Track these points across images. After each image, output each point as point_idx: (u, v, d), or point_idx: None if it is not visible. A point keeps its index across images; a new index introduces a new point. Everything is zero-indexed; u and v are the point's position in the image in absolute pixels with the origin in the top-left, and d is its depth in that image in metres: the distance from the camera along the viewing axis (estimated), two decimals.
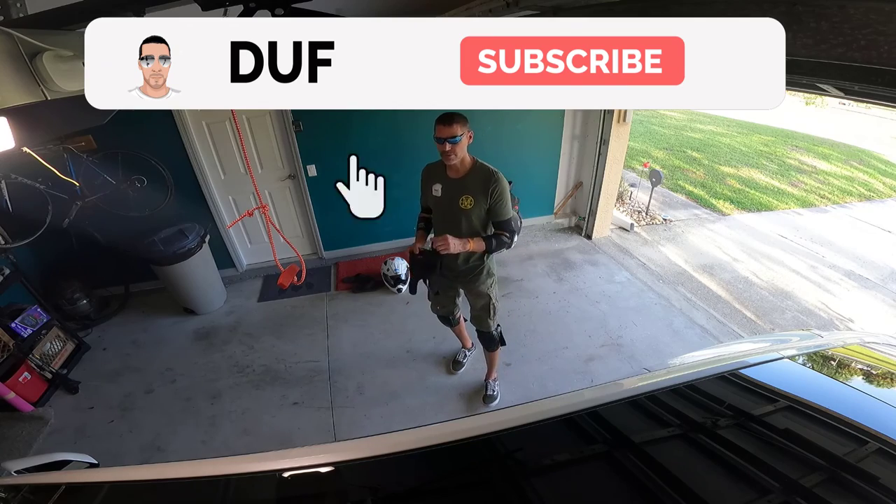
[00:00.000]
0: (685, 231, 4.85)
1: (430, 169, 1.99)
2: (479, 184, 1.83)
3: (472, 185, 1.84)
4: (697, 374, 0.98)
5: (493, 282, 2.14)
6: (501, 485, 0.73)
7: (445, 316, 2.43)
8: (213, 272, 3.61)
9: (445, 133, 1.70)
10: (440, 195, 1.91)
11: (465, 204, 1.85)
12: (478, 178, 1.83)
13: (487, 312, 2.19)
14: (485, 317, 2.21)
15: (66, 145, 2.97)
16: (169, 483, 0.81)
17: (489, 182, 1.82)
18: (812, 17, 0.46)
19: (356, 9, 2.48)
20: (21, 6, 0.90)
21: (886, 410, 0.93)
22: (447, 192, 1.90)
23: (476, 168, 1.86)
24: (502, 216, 1.88)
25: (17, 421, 2.51)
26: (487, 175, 1.83)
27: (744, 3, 0.54)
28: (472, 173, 1.85)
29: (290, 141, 3.58)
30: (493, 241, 1.90)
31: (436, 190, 1.92)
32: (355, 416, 2.52)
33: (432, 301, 2.33)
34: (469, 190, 1.84)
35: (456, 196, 1.87)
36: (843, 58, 0.45)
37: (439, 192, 1.92)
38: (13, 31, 0.73)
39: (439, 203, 1.94)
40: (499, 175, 1.84)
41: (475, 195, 1.84)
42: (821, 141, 9.95)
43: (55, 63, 0.78)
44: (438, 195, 1.92)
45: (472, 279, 2.09)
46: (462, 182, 1.86)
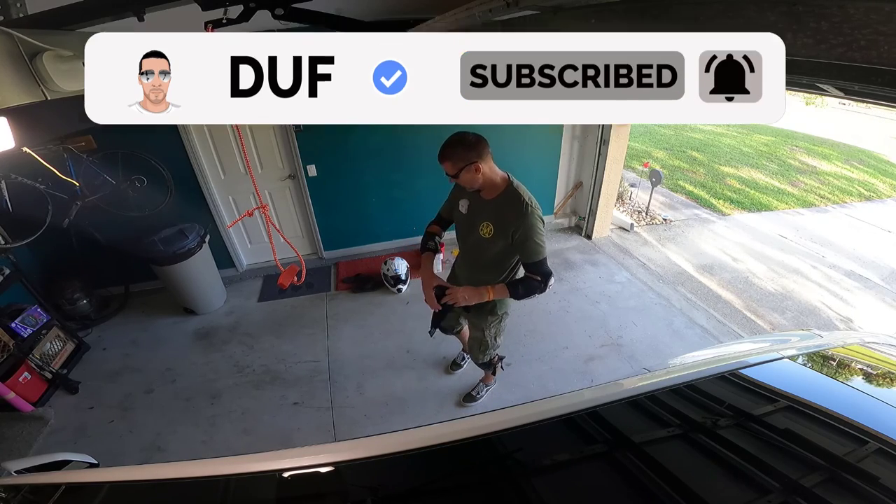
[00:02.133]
0: (685, 231, 4.85)
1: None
2: (503, 213, 1.54)
3: (495, 211, 1.56)
4: (697, 374, 0.98)
5: (495, 321, 1.87)
6: (501, 485, 0.73)
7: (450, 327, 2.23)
8: (213, 272, 3.61)
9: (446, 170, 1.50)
10: (465, 213, 1.65)
11: (485, 231, 1.58)
12: (503, 205, 1.54)
13: (478, 347, 2.01)
14: (476, 349, 2.03)
15: (66, 145, 2.97)
16: (169, 483, 0.81)
17: (510, 212, 1.52)
18: (812, 17, 0.46)
19: (356, 9, 2.48)
20: (21, 6, 0.90)
21: (886, 410, 0.93)
22: (472, 211, 1.63)
23: (507, 193, 1.55)
24: (530, 258, 1.55)
25: (17, 421, 2.51)
26: (515, 205, 1.52)
27: (744, 2, 0.54)
28: (500, 197, 1.56)
29: (290, 141, 3.58)
30: (521, 287, 1.59)
31: (462, 206, 1.66)
32: (355, 416, 2.52)
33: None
34: (491, 216, 1.57)
35: (477, 220, 1.60)
36: (843, 58, 0.45)
37: (465, 209, 1.65)
38: (13, 31, 0.73)
39: (463, 222, 1.69)
40: (525, 207, 1.51)
41: (496, 225, 1.56)
42: (821, 141, 9.95)
43: (55, 63, 0.78)
44: (464, 212, 1.66)
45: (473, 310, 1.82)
46: (488, 205, 1.58)
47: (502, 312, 1.87)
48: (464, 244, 1.75)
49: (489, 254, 1.64)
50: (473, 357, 2.13)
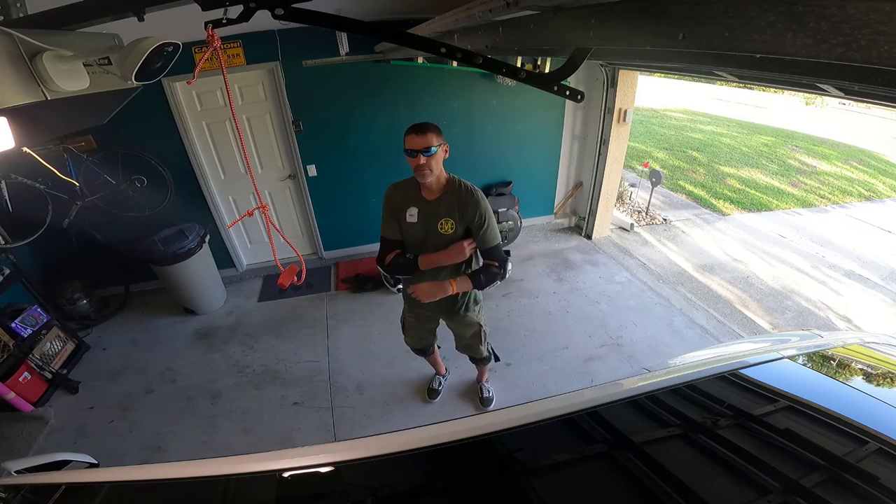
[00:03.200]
0: (685, 231, 4.85)
1: (398, 190, 1.66)
2: (456, 205, 1.59)
3: (451, 206, 1.59)
4: (697, 374, 0.98)
5: (479, 308, 1.95)
6: (502, 485, 0.73)
7: (423, 348, 2.25)
8: (213, 272, 3.61)
9: (418, 144, 1.46)
10: (416, 220, 1.62)
11: (446, 228, 1.60)
12: (454, 197, 1.59)
13: (479, 339, 2.04)
14: (476, 344, 2.06)
15: (66, 145, 2.97)
16: (169, 483, 0.81)
17: (467, 203, 1.57)
18: (812, 17, 0.46)
19: (357, 9, 2.49)
20: (21, 6, 0.90)
21: (886, 410, 0.93)
22: (423, 216, 1.61)
23: (452, 186, 1.60)
24: (487, 243, 1.61)
25: (17, 421, 2.51)
26: (464, 194, 1.58)
27: (744, 2, 0.54)
28: (448, 192, 1.60)
29: (290, 141, 3.58)
30: (482, 276, 1.63)
31: (411, 215, 1.62)
32: (355, 416, 2.52)
33: (408, 335, 2.14)
34: (448, 211, 1.59)
35: (433, 220, 1.60)
36: (843, 58, 0.45)
37: (415, 218, 1.62)
38: (13, 31, 0.73)
39: (415, 231, 1.65)
40: (478, 194, 1.59)
41: (457, 218, 1.59)
42: (821, 141, 9.95)
43: (55, 63, 0.78)
44: (414, 220, 1.63)
45: (456, 310, 1.87)
46: (438, 203, 1.60)
47: (481, 299, 1.95)
48: (417, 251, 1.69)
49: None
50: (475, 353, 2.14)
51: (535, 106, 3.92)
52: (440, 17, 1.56)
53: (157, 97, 3.11)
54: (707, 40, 0.61)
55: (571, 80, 1.96)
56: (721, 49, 0.59)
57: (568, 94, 1.07)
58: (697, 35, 0.62)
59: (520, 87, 3.55)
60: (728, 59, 1.07)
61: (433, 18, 1.70)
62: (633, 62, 2.51)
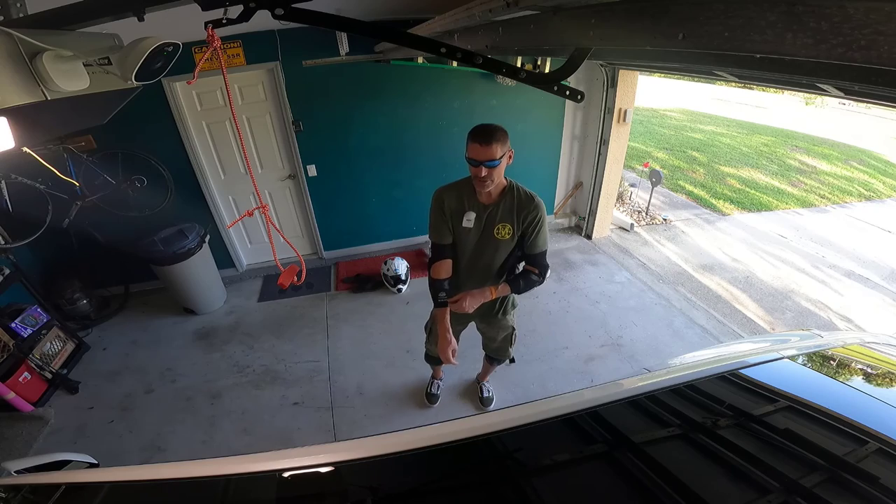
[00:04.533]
0: (685, 231, 4.85)
1: (452, 193, 1.60)
2: (515, 210, 1.56)
3: (510, 211, 1.56)
4: (697, 374, 0.98)
5: (516, 311, 1.93)
6: (502, 485, 0.73)
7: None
8: (213, 272, 3.61)
9: (482, 155, 1.38)
10: (473, 226, 1.58)
11: (503, 233, 1.57)
12: (513, 202, 1.56)
13: (510, 342, 2.04)
14: (506, 346, 2.05)
15: (66, 145, 2.97)
16: (169, 483, 0.81)
17: (527, 209, 1.55)
18: (812, 17, 0.46)
19: (357, 9, 2.48)
20: (21, 6, 0.90)
21: (886, 410, 0.93)
22: (480, 221, 1.58)
23: (511, 190, 1.57)
24: (535, 249, 1.60)
25: (17, 421, 2.51)
26: (524, 200, 1.55)
27: (744, 2, 0.54)
28: (507, 197, 1.56)
29: (290, 141, 3.58)
30: (522, 281, 1.62)
31: (468, 220, 1.57)
32: (355, 416, 2.52)
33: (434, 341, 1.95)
34: (507, 217, 1.56)
35: (490, 225, 1.57)
36: (843, 58, 0.45)
37: (472, 223, 1.57)
38: (13, 31, 0.73)
39: (469, 236, 1.61)
40: (537, 199, 1.57)
41: (515, 224, 1.57)
42: (821, 141, 9.96)
43: (55, 63, 0.78)
44: (471, 226, 1.58)
45: (494, 314, 1.86)
46: (496, 208, 1.56)
47: (518, 303, 1.93)
48: (474, 257, 1.66)
49: (503, 256, 1.64)
50: (503, 355, 2.12)
51: (535, 106, 3.92)
52: (440, 17, 1.56)
53: (157, 97, 3.11)
54: (707, 40, 0.61)
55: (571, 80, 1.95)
56: (721, 49, 0.59)
57: (568, 94, 1.07)
58: (697, 35, 0.62)
59: (520, 87, 3.55)
60: (728, 59, 1.07)
61: (433, 18, 1.70)
62: (633, 62, 2.51)
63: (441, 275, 1.65)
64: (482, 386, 2.53)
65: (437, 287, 1.65)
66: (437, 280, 1.65)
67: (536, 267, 1.63)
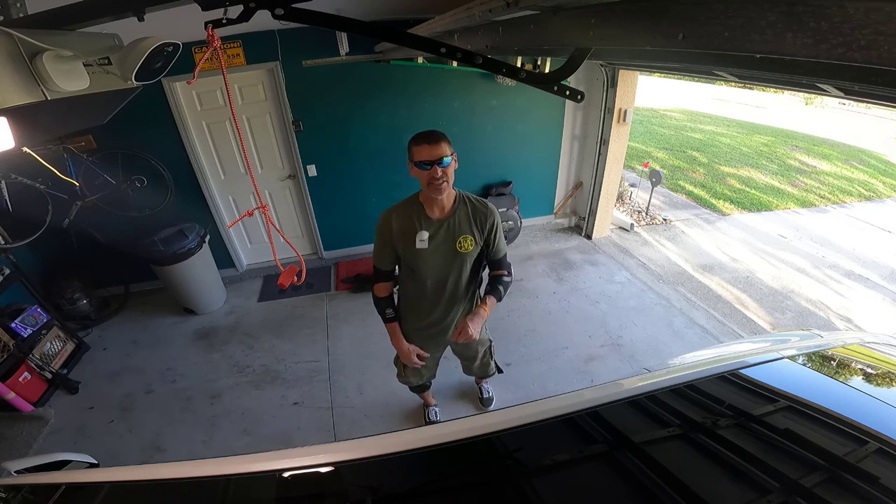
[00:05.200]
0: (685, 231, 4.85)
1: (400, 214, 1.49)
2: (472, 218, 1.50)
3: (464, 221, 1.49)
4: (697, 374, 0.98)
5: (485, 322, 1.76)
6: (502, 485, 0.73)
7: (426, 384, 2.11)
8: (213, 272, 3.61)
9: (433, 154, 1.33)
10: (427, 245, 1.48)
11: (466, 246, 1.50)
12: (468, 211, 1.50)
13: (490, 355, 1.98)
14: (489, 362, 2.00)
15: (66, 145, 2.97)
16: (169, 483, 0.81)
17: (484, 215, 1.50)
18: (812, 17, 0.46)
19: (357, 9, 2.48)
20: (21, 6, 0.90)
21: (886, 410, 0.93)
22: (437, 238, 1.48)
23: (463, 199, 1.51)
24: (499, 253, 1.59)
25: (17, 421, 2.51)
26: (479, 207, 1.51)
27: (744, 2, 0.54)
28: (461, 207, 1.50)
29: (290, 141, 3.58)
30: (501, 288, 1.58)
31: (422, 240, 1.47)
32: (355, 416, 2.52)
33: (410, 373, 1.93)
34: (466, 228, 1.49)
35: (451, 239, 1.48)
36: (843, 58, 0.45)
37: (426, 243, 1.47)
38: (13, 31, 0.73)
39: (426, 256, 1.50)
40: (490, 204, 1.54)
41: (476, 233, 1.51)
42: (821, 141, 9.95)
43: (55, 63, 0.78)
44: (426, 246, 1.48)
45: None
46: (453, 220, 1.48)
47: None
48: (440, 277, 1.56)
49: (469, 269, 1.58)
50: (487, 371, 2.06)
51: (535, 106, 3.92)
52: (440, 17, 1.56)
53: (157, 97, 3.11)
54: (707, 40, 0.61)
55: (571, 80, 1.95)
56: (721, 49, 0.59)
57: (568, 94, 1.07)
58: (697, 35, 0.62)
59: (520, 87, 3.55)
60: (728, 59, 1.07)
61: (433, 18, 1.70)
62: (633, 62, 2.51)
63: (383, 293, 1.64)
64: (481, 387, 2.53)
65: (382, 305, 1.65)
66: (381, 298, 1.64)
67: (503, 269, 1.62)
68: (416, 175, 1.40)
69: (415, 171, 1.40)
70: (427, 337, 1.75)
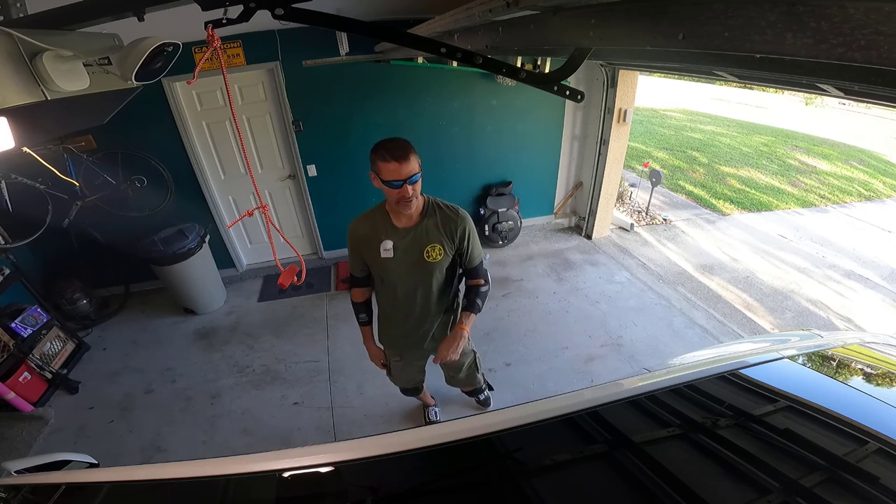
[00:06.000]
0: (685, 231, 4.85)
1: (366, 224, 1.46)
2: (442, 226, 1.44)
3: (433, 229, 1.43)
4: (697, 374, 0.98)
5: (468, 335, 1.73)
6: (501, 485, 0.73)
7: (415, 387, 2.09)
8: (213, 272, 3.61)
9: (405, 172, 1.24)
10: (393, 255, 1.44)
11: (434, 255, 1.44)
12: (437, 219, 1.44)
13: (475, 368, 1.92)
14: (474, 374, 1.94)
15: (66, 145, 2.97)
16: (169, 483, 0.81)
17: (455, 224, 1.44)
18: (812, 17, 0.46)
19: (357, 9, 2.48)
20: (21, 6, 0.90)
21: (886, 410, 0.93)
22: (402, 247, 1.44)
23: (431, 207, 1.45)
24: (476, 259, 1.53)
25: (17, 421, 2.51)
26: (449, 214, 1.45)
27: (744, 2, 0.54)
28: (429, 215, 1.44)
29: (290, 141, 3.58)
30: (479, 301, 1.54)
31: (386, 250, 1.43)
32: (355, 416, 2.52)
33: (397, 377, 1.95)
34: (434, 237, 1.43)
35: (417, 249, 1.43)
36: (843, 58, 0.45)
37: (391, 252, 1.43)
38: (13, 31, 0.73)
39: (392, 266, 1.46)
40: (462, 211, 1.49)
41: (445, 242, 1.45)
42: (821, 141, 9.95)
43: (55, 63, 0.78)
44: (391, 255, 1.44)
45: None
46: (420, 229, 1.43)
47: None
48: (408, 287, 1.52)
49: (440, 279, 1.52)
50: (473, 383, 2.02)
51: (535, 106, 3.92)
52: (440, 17, 1.56)
53: (157, 97, 3.11)
54: (707, 40, 0.61)
55: (571, 80, 1.96)
56: (721, 49, 0.59)
57: (568, 94, 1.07)
58: (697, 35, 0.62)
59: (520, 87, 3.55)
60: (728, 59, 1.07)
61: (433, 18, 1.70)
62: (633, 62, 2.51)
63: (358, 298, 1.67)
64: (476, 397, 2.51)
65: (357, 309, 1.69)
66: (356, 303, 1.68)
67: (480, 278, 1.56)
68: (380, 188, 1.32)
69: (379, 185, 1.31)
70: (405, 345, 1.75)
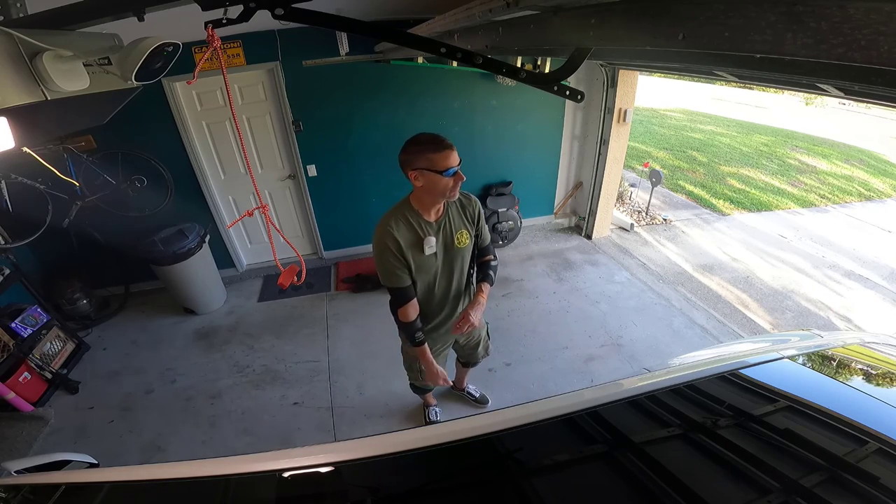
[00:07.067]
0: (685, 231, 4.85)
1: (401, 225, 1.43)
2: (462, 212, 1.56)
3: (457, 216, 1.54)
4: (697, 374, 0.98)
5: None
6: (501, 485, 0.73)
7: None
8: (213, 272, 3.61)
9: (457, 158, 1.33)
10: (436, 249, 1.50)
11: (463, 240, 1.55)
12: (457, 206, 1.55)
13: (489, 335, 2.07)
14: (486, 342, 2.07)
15: (66, 145, 2.97)
16: (169, 483, 0.81)
17: (473, 207, 1.57)
18: (812, 17, 0.46)
19: (357, 9, 2.48)
20: (21, 6, 0.90)
21: (886, 410, 0.93)
22: (440, 240, 1.51)
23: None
24: (487, 238, 1.66)
25: (17, 421, 2.51)
26: (464, 199, 1.56)
27: (744, 2, 0.54)
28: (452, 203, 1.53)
29: (290, 141, 3.58)
30: (492, 273, 1.65)
31: (430, 246, 1.47)
32: (355, 416, 2.52)
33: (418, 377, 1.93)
34: (458, 223, 1.54)
35: (450, 238, 1.52)
36: (843, 58, 0.45)
37: (434, 248, 1.48)
38: (13, 31, 0.73)
39: (435, 260, 1.52)
40: (471, 195, 1.60)
41: (469, 227, 1.57)
42: (821, 141, 9.95)
43: (55, 63, 0.78)
44: (434, 251, 1.49)
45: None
46: (447, 218, 1.51)
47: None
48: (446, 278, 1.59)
49: (467, 262, 1.64)
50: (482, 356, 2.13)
51: (535, 106, 3.92)
52: (440, 17, 1.56)
53: (157, 97, 3.11)
54: (707, 40, 0.61)
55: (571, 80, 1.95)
56: (721, 49, 0.59)
57: (568, 94, 1.07)
58: (697, 35, 0.62)
59: (520, 88, 3.55)
60: (728, 59, 1.07)
61: (433, 18, 1.70)
62: (633, 62, 2.51)
63: (411, 316, 1.53)
64: (467, 391, 2.52)
65: (412, 329, 1.55)
66: (411, 322, 1.54)
67: (490, 254, 1.69)
68: (424, 183, 1.34)
69: (429, 179, 1.32)
70: (436, 337, 1.78)
